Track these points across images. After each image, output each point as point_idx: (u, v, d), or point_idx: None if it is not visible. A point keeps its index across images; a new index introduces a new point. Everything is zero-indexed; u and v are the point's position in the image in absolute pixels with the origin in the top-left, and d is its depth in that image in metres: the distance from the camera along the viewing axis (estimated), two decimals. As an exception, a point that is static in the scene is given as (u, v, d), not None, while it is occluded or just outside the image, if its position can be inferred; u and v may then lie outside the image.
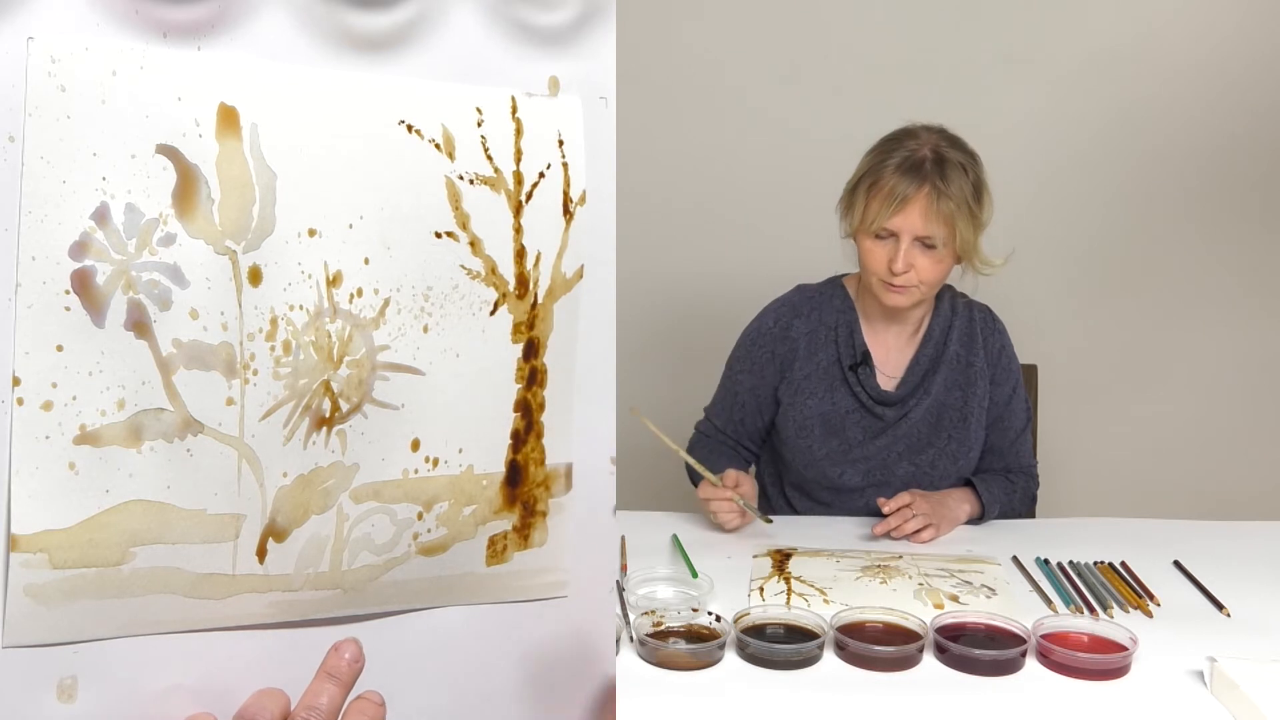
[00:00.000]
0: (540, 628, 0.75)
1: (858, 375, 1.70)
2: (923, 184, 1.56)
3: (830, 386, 1.70)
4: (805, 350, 1.72)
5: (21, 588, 0.57)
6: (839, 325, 1.72)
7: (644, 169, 2.34)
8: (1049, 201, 2.43)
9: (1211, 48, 2.38)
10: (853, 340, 1.71)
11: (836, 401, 1.70)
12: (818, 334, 1.72)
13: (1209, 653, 1.13)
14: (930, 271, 1.60)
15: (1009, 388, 1.73)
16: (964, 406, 1.70)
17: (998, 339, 1.74)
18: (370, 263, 0.66)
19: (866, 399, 1.69)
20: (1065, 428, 2.35)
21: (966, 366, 1.71)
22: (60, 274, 0.57)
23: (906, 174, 1.56)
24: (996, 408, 1.72)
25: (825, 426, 1.69)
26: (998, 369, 1.72)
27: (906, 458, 1.69)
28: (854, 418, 1.70)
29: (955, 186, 1.57)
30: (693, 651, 1.16)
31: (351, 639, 0.65)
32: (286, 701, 0.63)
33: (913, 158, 1.58)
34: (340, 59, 0.65)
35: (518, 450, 0.73)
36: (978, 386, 1.70)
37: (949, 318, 1.72)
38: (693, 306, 2.50)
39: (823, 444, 1.69)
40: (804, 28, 2.40)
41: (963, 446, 1.69)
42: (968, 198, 1.58)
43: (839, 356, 1.71)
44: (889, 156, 1.59)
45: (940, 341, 1.71)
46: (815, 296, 1.76)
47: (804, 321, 1.73)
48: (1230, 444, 2.53)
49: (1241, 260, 2.47)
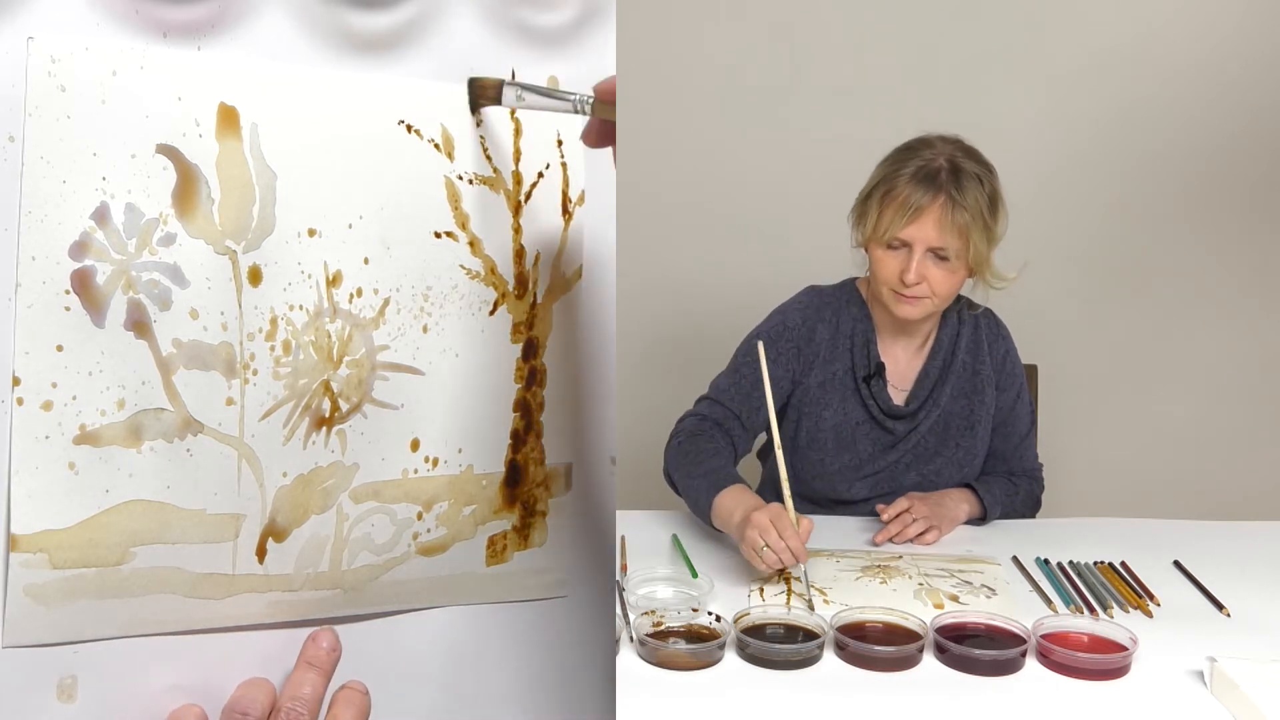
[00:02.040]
0: (540, 628, 0.75)
1: (870, 388, 1.67)
2: (938, 194, 1.53)
3: (843, 397, 1.67)
4: (825, 357, 1.68)
5: (21, 588, 0.57)
6: (855, 334, 1.69)
7: (644, 169, 2.34)
8: (1049, 201, 2.43)
9: (1211, 48, 2.38)
10: (868, 351, 1.68)
11: (848, 413, 1.67)
12: (836, 342, 1.69)
13: (1209, 653, 1.13)
14: (943, 284, 1.57)
15: (1014, 392, 1.72)
16: (970, 415, 1.68)
17: (1002, 344, 1.73)
18: (370, 263, 0.66)
19: (877, 411, 1.67)
20: (1065, 428, 2.35)
21: (974, 375, 1.69)
22: (60, 274, 0.57)
23: (921, 184, 1.53)
24: (1001, 412, 1.71)
25: (838, 440, 1.66)
26: (1003, 374, 1.71)
27: (914, 468, 1.68)
28: (864, 429, 1.67)
29: (971, 198, 1.54)
30: (693, 651, 1.16)
31: (328, 629, 0.65)
32: (273, 690, 0.63)
33: (928, 167, 1.55)
34: (340, 59, 0.65)
35: (517, 450, 0.73)
36: (985, 394, 1.69)
37: (956, 327, 1.69)
38: (693, 306, 2.50)
39: (835, 458, 1.67)
40: (804, 28, 2.40)
41: (969, 454, 1.68)
42: (983, 210, 1.55)
43: (853, 366, 1.68)
44: (903, 166, 1.56)
45: (949, 352, 1.69)
46: (833, 301, 1.72)
47: (825, 327, 1.69)
48: (1230, 444, 2.53)
49: (1241, 260, 2.47)
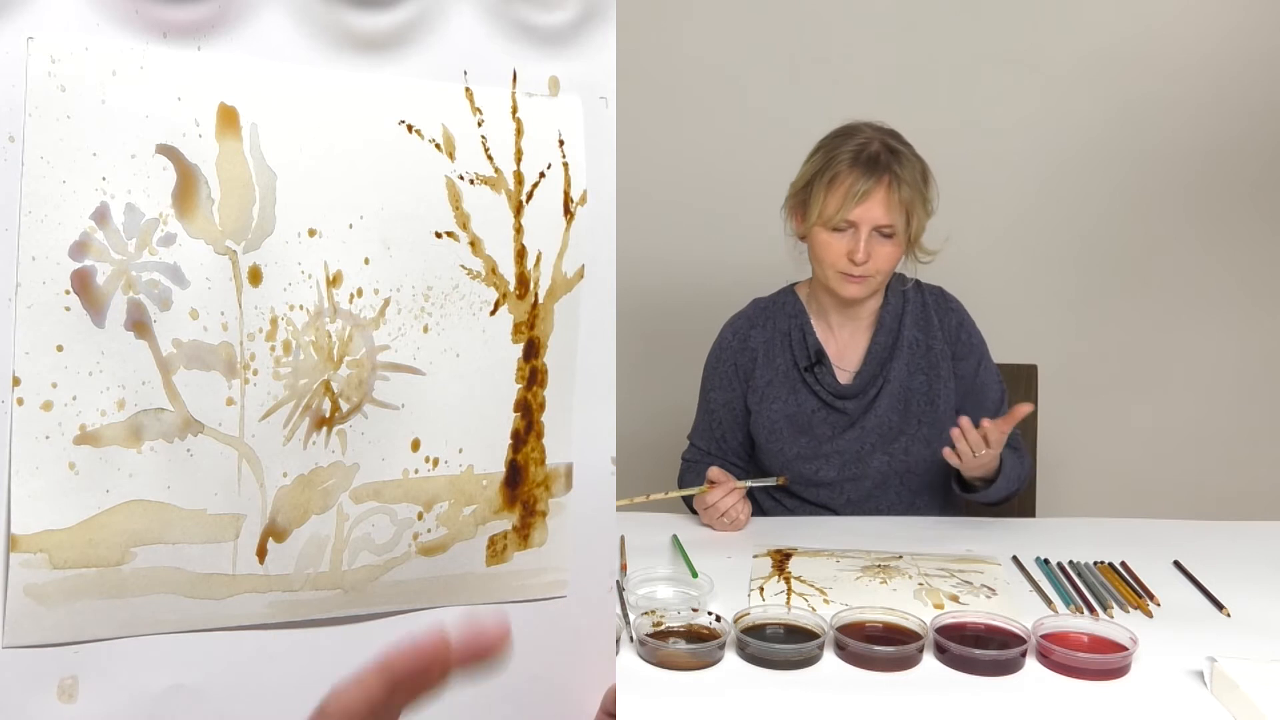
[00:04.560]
0: (540, 628, 0.75)
1: (815, 375, 1.74)
2: (882, 175, 1.61)
3: (792, 389, 1.74)
4: (764, 357, 1.77)
5: (21, 588, 0.57)
6: (791, 330, 1.78)
7: (644, 169, 2.34)
8: (1048, 201, 2.43)
9: (1211, 48, 2.38)
10: (805, 342, 1.76)
11: (800, 402, 1.74)
12: (774, 341, 1.78)
13: (1209, 653, 1.13)
14: (887, 260, 1.64)
15: (974, 361, 1.75)
16: (929, 390, 1.72)
17: (953, 316, 1.76)
18: (370, 263, 0.66)
19: (827, 396, 1.73)
20: (1065, 428, 2.35)
21: (926, 350, 1.73)
22: (60, 274, 0.57)
23: (864, 166, 1.61)
24: (964, 382, 1.74)
25: (792, 426, 1.73)
26: (958, 345, 1.75)
27: (880, 448, 1.71)
28: (819, 415, 1.73)
29: (909, 174, 1.63)
30: (693, 651, 1.16)
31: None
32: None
33: (866, 150, 1.63)
34: (340, 59, 0.65)
35: (518, 450, 0.73)
36: (941, 368, 1.72)
37: (900, 305, 1.75)
38: (693, 306, 2.50)
39: (792, 443, 1.72)
40: (804, 27, 2.40)
41: (934, 430, 1.70)
42: (920, 186, 1.65)
43: (795, 359, 1.76)
44: (839, 151, 1.64)
45: (893, 329, 1.74)
46: (769, 306, 1.82)
47: (760, 331, 1.79)
48: (1230, 444, 2.53)
49: (1241, 260, 2.47)
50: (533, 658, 0.75)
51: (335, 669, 0.68)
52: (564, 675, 0.75)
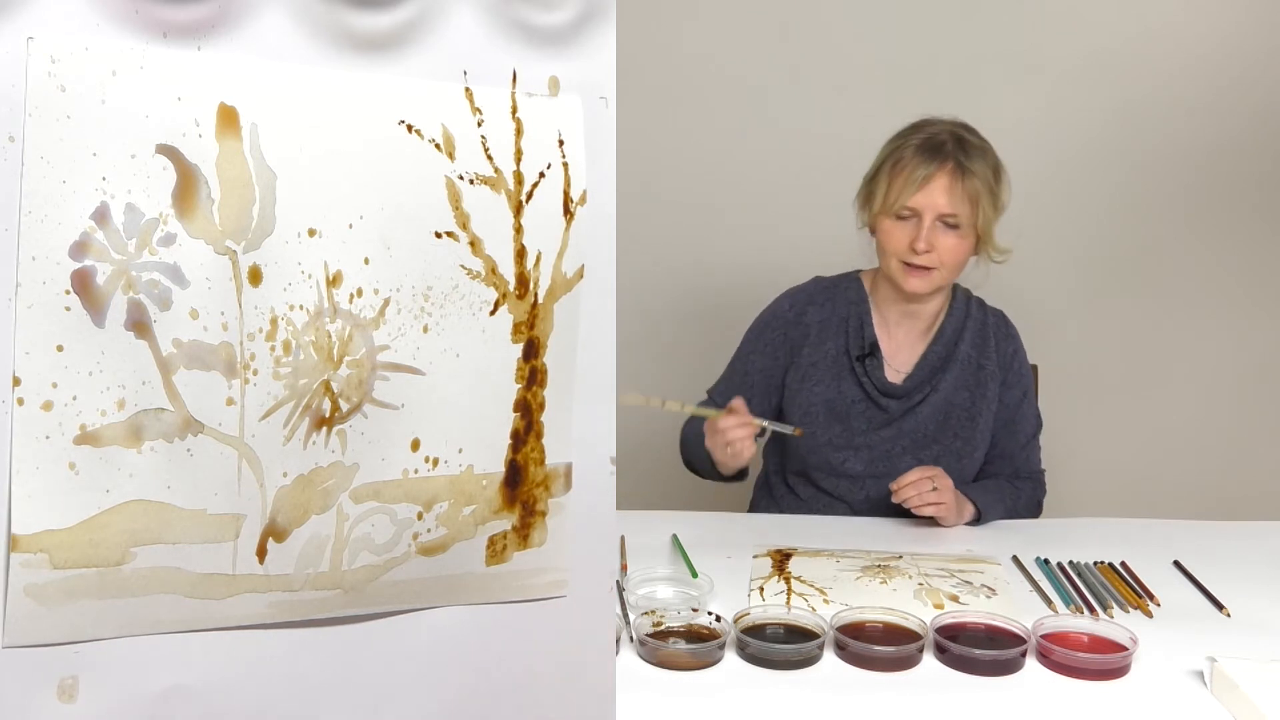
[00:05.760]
0: (540, 628, 0.75)
1: (865, 366, 1.71)
2: (945, 161, 1.59)
3: (837, 375, 1.72)
4: (816, 337, 1.74)
5: (22, 588, 0.57)
6: (850, 316, 1.74)
7: (644, 169, 2.34)
8: (1049, 201, 2.43)
9: (1211, 48, 2.38)
10: (862, 331, 1.73)
11: (843, 390, 1.71)
12: (829, 323, 1.74)
13: (1209, 653, 1.12)
14: (951, 253, 1.61)
15: (1019, 391, 1.74)
16: (972, 407, 1.70)
17: (1011, 344, 1.76)
18: (370, 263, 0.66)
19: (872, 389, 1.70)
20: (1065, 428, 2.35)
21: (977, 369, 1.72)
22: (60, 274, 0.57)
23: (929, 152, 1.60)
24: (1007, 410, 1.73)
25: (830, 412, 1.70)
26: (1009, 373, 1.74)
27: (911, 452, 1.70)
28: (859, 407, 1.71)
29: (977, 164, 1.60)
30: (693, 651, 1.16)
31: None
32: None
33: (934, 139, 1.61)
34: (340, 59, 0.65)
35: (518, 450, 0.73)
36: (988, 389, 1.71)
37: (962, 318, 1.73)
38: (693, 306, 2.50)
39: (826, 429, 1.70)
40: (804, 27, 2.40)
41: (968, 446, 1.69)
42: (989, 176, 1.62)
43: (848, 346, 1.73)
44: (909, 140, 1.62)
45: (952, 341, 1.72)
46: (831, 287, 1.78)
47: (818, 309, 1.75)
48: (1230, 444, 2.53)
49: (1241, 260, 2.46)
50: (533, 658, 0.75)
51: (335, 669, 0.69)
52: (564, 675, 0.75)
